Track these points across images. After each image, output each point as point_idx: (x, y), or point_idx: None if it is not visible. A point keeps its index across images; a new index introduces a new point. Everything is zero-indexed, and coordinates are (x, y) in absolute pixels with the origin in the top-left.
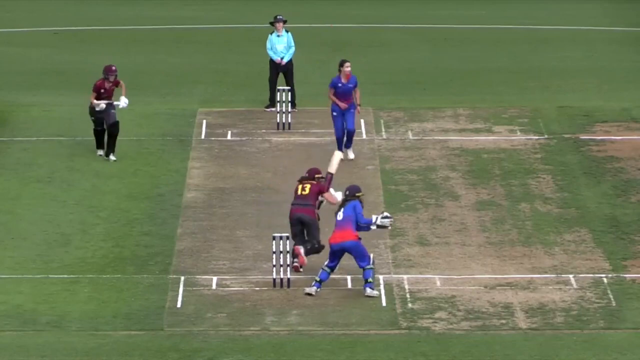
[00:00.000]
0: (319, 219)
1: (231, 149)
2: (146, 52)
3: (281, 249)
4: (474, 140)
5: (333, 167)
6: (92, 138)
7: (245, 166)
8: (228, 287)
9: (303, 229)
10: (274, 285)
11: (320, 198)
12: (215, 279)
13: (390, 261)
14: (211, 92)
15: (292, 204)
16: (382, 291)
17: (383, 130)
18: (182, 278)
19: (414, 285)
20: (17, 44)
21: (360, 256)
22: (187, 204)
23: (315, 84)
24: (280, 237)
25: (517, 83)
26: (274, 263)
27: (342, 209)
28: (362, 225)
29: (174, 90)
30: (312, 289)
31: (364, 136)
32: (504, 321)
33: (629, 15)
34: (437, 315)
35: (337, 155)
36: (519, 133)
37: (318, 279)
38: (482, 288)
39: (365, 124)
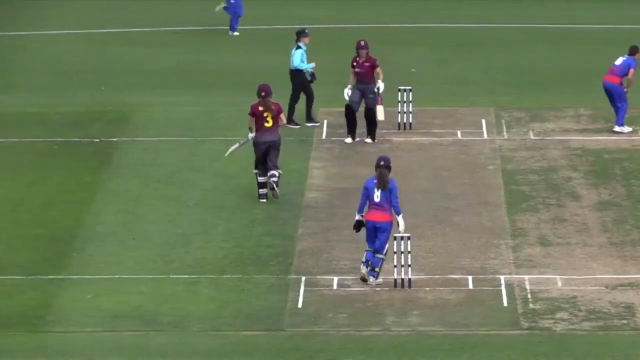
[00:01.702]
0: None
1: (352, 149)
2: (266, 53)
3: (402, 249)
4: (595, 140)
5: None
6: (214, 138)
7: (366, 166)
8: (349, 287)
9: (267, 154)
10: (395, 286)
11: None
12: (336, 279)
13: (512, 261)
14: (332, 92)
15: (258, 137)
16: (504, 291)
17: (504, 130)
18: (303, 278)
19: (535, 285)
20: (138, 44)
21: (382, 242)
22: (308, 204)
23: (436, 83)
24: (402, 238)
25: (639, 82)
26: (395, 263)
27: (379, 191)
28: (394, 206)
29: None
30: (370, 280)
31: (485, 136)
32: (625, 321)
33: None
34: (558, 315)
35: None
36: None
37: (364, 259)
38: (604, 288)
39: (487, 124)
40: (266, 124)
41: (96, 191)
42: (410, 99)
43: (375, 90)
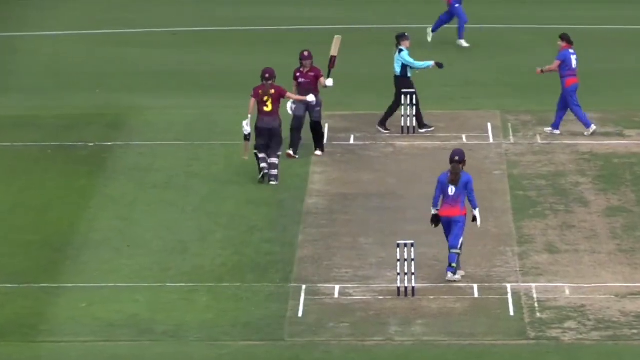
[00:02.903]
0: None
1: (354, 154)
2: (267, 53)
3: (406, 257)
4: (604, 144)
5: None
6: (212, 142)
7: (369, 171)
8: (351, 296)
9: (269, 142)
10: (398, 294)
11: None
12: (337, 287)
13: (518, 269)
14: (333, 95)
15: (258, 123)
16: (510, 300)
17: (511, 134)
18: (304, 286)
19: (542, 294)
20: (134, 44)
21: (456, 235)
22: (309, 210)
23: (439, 86)
24: (405, 245)
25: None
26: (398, 271)
27: (453, 185)
28: (470, 200)
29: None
30: (449, 275)
31: (491, 140)
32: (635, 331)
33: None
34: (566, 325)
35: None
36: None
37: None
38: (613, 297)
39: (493, 127)
40: (265, 108)
41: (91, 197)
42: (414, 102)
43: (328, 85)
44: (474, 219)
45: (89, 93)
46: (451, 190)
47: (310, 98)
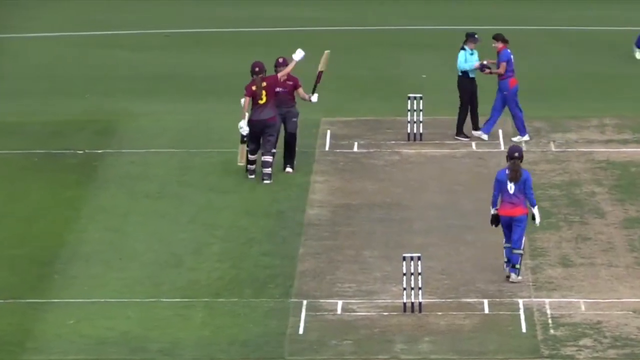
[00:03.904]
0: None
1: (357, 162)
2: (264, 55)
3: (412, 271)
4: (621, 152)
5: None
6: (208, 150)
7: (373, 180)
8: (354, 312)
9: (262, 138)
10: (404, 310)
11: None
12: (340, 303)
13: (531, 283)
14: (336, 100)
15: (252, 115)
16: (522, 316)
17: (522, 141)
18: (305, 302)
19: (556, 309)
20: (126, 47)
21: (519, 236)
22: (310, 221)
23: (448, 90)
24: (411, 258)
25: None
26: (404, 286)
27: (512, 183)
28: (528, 198)
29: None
30: (512, 276)
31: (502, 147)
32: None
33: None
34: (581, 342)
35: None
36: None
37: (506, 259)
38: (631, 313)
39: (504, 134)
40: (260, 101)
41: (80, 207)
42: (421, 108)
43: (312, 100)
44: (533, 217)
45: (78, 98)
46: (511, 188)
47: (315, 98)
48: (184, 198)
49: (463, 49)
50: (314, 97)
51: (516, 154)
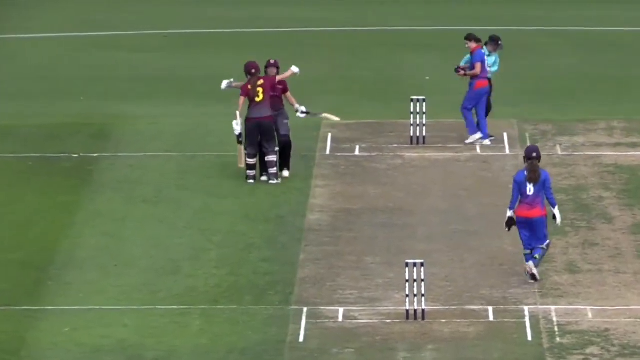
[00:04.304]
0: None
1: (359, 166)
2: (264, 57)
3: (415, 277)
4: (630, 155)
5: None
6: (206, 154)
7: (375, 185)
8: (356, 319)
9: (261, 140)
10: (407, 318)
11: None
12: (341, 310)
13: (537, 290)
14: (337, 103)
15: (249, 114)
16: (528, 324)
17: (528, 144)
18: (305, 309)
19: (562, 317)
20: (122, 48)
21: (541, 235)
22: (310, 226)
23: (452, 92)
24: (414, 264)
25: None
26: (407, 293)
27: (531, 184)
28: (548, 198)
29: (295, 99)
30: (530, 264)
31: (507, 151)
32: None
33: None
34: (588, 350)
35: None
36: None
37: (528, 252)
38: (639, 320)
39: (509, 137)
40: (257, 99)
41: (75, 212)
42: (424, 110)
43: (301, 114)
44: (554, 217)
45: (74, 100)
46: (529, 189)
47: (295, 69)
48: (182, 202)
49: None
50: (302, 108)
51: (534, 154)
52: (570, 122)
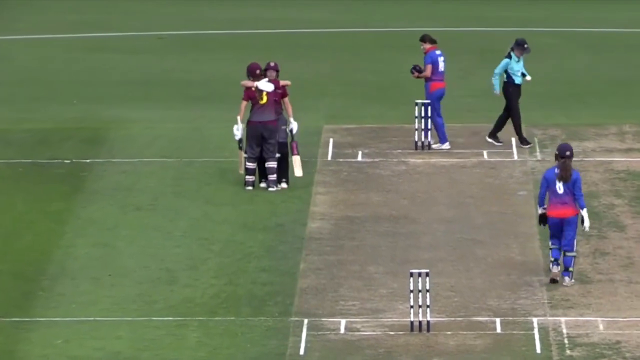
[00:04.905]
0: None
1: (362, 172)
2: (263, 59)
3: (420, 287)
4: None
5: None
6: (203, 159)
7: (378, 192)
8: (358, 331)
9: (262, 145)
10: (412, 329)
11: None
12: (343, 322)
13: (546, 301)
14: (339, 106)
15: (252, 117)
16: (537, 336)
17: (537, 150)
18: (306, 321)
19: (572, 329)
20: (116, 50)
21: (571, 238)
22: (311, 235)
23: (458, 97)
24: (419, 274)
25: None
26: (412, 303)
27: (563, 182)
28: (577, 199)
29: (295, 103)
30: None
31: (516, 157)
32: None
33: None
34: None
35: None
36: None
37: (552, 259)
38: None
39: (517, 143)
40: (261, 101)
41: (67, 220)
42: (429, 114)
43: (288, 132)
44: (582, 220)
45: (65, 104)
46: (559, 188)
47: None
48: (178, 210)
49: (509, 56)
50: (293, 127)
51: (567, 153)
52: (580, 126)
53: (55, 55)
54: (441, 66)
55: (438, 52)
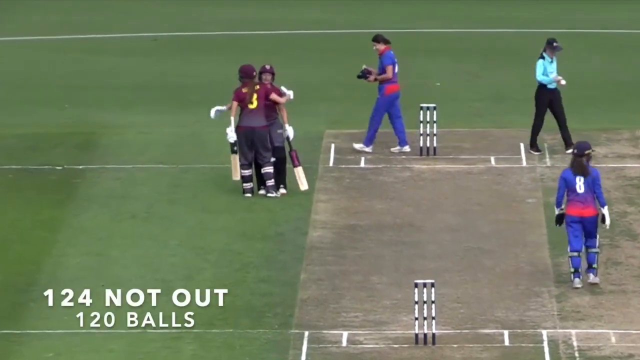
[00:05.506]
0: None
1: (365, 179)
2: (261, 62)
3: (425, 298)
4: None
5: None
6: (199, 166)
7: (382, 199)
8: (361, 344)
9: (255, 150)
10: (416, 342)
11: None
12: (345, 334)
13: (556, 313)
14: (341, 111)
15: (241, 122)
16: (546, 349)
17: (547, 156)
18: (306, 333)
19: (583, 341)
20: (109, 52)
21: (594, 236)
22: (312, 244)
23: (464, 100)
24: (424, 285)
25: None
26: (416, 315)
27: (581, 179)
28: (598, 197)
29: (295, 108)
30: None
31: (524, 163)
32: None
33: None
34: None
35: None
36: None
37: (573, 270)
38: None
39: (526, 148)
40: (250, 106)
41: (59, 229)
42: (435, 119)
43: (284, 139)
44: (603, 218)
45: (56, 108)
46: (579, 186)
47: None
48: (174, 219)
49: (542, 57)
50: (289, 133)
51: (586, 152)
52: (591, 131)
53: (45, 58)
54: (395, 68)
55: (392, 52)
